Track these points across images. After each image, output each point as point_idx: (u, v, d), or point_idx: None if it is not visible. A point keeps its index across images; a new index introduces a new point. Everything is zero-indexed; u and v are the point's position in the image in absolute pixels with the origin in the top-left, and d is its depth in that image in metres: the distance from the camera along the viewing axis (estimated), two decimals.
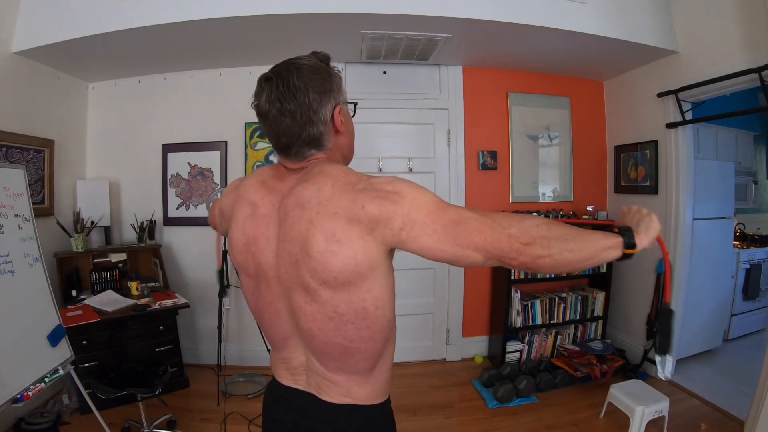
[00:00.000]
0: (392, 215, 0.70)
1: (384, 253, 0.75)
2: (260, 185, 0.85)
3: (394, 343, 0.89)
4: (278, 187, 0.83)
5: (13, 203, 1.89)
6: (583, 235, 0.74)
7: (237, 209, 0.87)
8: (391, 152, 3.22)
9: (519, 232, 0.70)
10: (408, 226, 0.70)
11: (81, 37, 2.36)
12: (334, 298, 0.74)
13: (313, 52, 0.84)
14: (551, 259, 0.70)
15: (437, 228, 0.70)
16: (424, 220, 0.70)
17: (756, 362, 2.26)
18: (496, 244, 0.70)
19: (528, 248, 0.69)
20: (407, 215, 0.70)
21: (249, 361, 3.16)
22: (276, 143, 0.81)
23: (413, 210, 0.71)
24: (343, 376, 0.82)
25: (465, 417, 2.55)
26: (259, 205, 0.83)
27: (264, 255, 0.81)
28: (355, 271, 0.72)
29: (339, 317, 0.76)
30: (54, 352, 1.92)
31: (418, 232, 0.71)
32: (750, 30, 2.31)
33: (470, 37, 2.65)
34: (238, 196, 0.88)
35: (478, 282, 3.35)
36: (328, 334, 0.77)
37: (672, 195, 2.88)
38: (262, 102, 0.78)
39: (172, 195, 3.22)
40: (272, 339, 0.90)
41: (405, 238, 0.71)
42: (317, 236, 0.72)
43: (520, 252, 0.69)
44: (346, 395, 0.82)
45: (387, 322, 0.80)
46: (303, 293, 0.77)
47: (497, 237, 0.70)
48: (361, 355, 0.80)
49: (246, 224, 0.84)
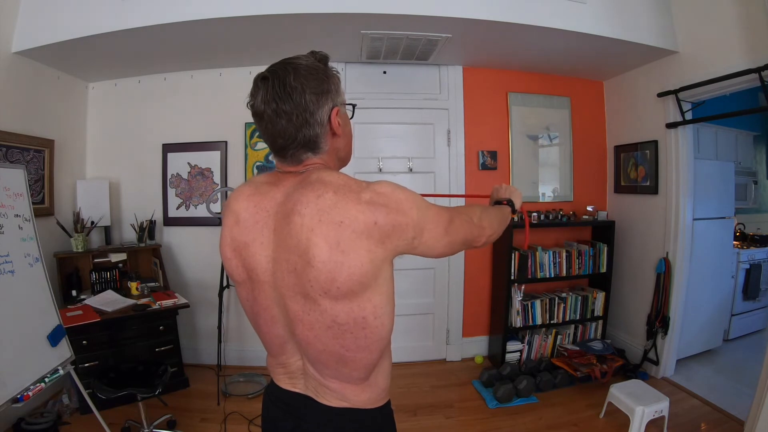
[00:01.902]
0: (405, 227, 0.73)
1: (389, 261, 0.75)
2: (253, 192, 0.83)
3: (390, 356, 0.88)
4: (272, 192, 0.81)
5: (13, 203, 1.89)
6: (496, 210, 1.08)
7: (224, 219, 0.86)
8: (391, 152, 3.22)
9: (477, 221, 0.93)
10: (419, 234, 0.76)
11: (81, 37, 2.36)
12: (334, 308, 0.73)
13: (312, 51, 0.82)
14: (494, 233, 0.99)
15: (440, 231, 0.80)
16: (430, 227, 0.78)
17: (756, 362, 2.26)
18: (470, 235, 0.90)
19: (484, 231, 0.95)
20: (417, 225, 0.75)
21: (249, 361, 3.16)
22: (271, 144, 0.80)
23: (420, 218, 0.76)
24: (337, 383, 0.81)
25: (465, 417, 2.55)
26: (250, 212, 0.81)
27: (256, 259, 0.80)
28: (359, 281, 0.71)
29: (338, 327, 0.74)
30: (54, 352, 1.92)
31: (428, 237, 0.78)
32: (750, 30, 2.31)
33: (470, 37, 2.65)
34: (226, 206, 0.88)
35: (478, 282, 3.35)
36: (326, 342, 0.76)
37: (672, 195, 2.88)
38: (257, 102, 0.76)
39: (172, 195, 3.22)
40: (269, 345, 0.89)
41: (417, 245, 0.77)
42: (320, 245, 0.70)
43: (481, 235, 0.94)
44: (343, 400, 0.81)
45: (386, 333, 0.79)
46: (302, 302, 0.75)
47: (471, 229, 0.90)
48: (355, 365, 0.79)
49: (233, 231, 0.83)
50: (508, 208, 1.15)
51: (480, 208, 0.99)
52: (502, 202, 1.17)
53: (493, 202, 1.21)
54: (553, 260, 3.15)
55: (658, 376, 2.93)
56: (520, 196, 1.21)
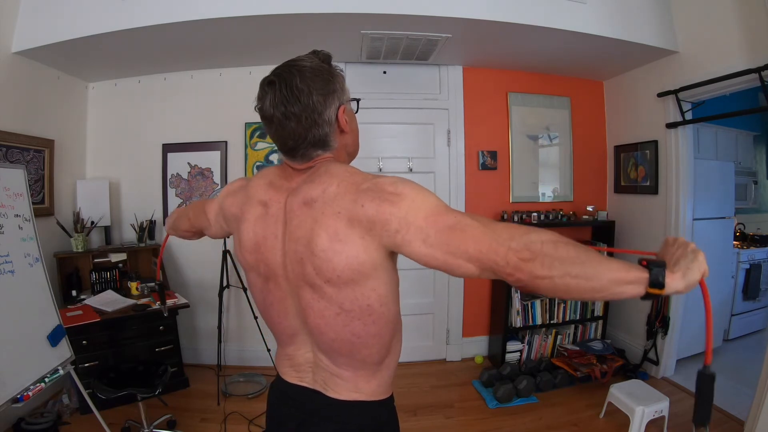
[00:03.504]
0: (389, 217, 0.69)
1: (385, 255, 0.75)
2: (269, 185, 0.85)
3: (401, 339, 0.91)
4: (285, 186, 0.83)
5: (13, 203, 1.89)
6: (598, 262, 0.63)
7: (247, 210, 0.86)
8: (391, 152, 3.22)
9: (519, 246, 0.63)
10: (403, 229, 0.69)
11: (81, 37, 2.36)
12: (339, 295, 0.76)
13: (314, 51, 0.82)
14: (551, 281, 0.62)
15: (431, 233, 0.67)
16: (420, 224, 0.68)
17: (756, 362, 2.26)
18: (490, 256, 0.64)
19: (526, 265, 0.62)
20: (404, 218, 0.69)
21: (249, 361, 3.16)
22: (282, 146, 0.81)
23: (410, 213, 0.69)
24: (351, 371, 0.83)
25: (465, 417, 2.55)
26: (270, 205, 0.83)
27: (273, 254, 0.82)
28: (358, 269, 0.73)
29: (346, 314, 0.77)
30: (54, 352, 1.92)
31: (413, 236, 0.68)
32: (750, 30, 2.31)
33: (470, 37, 2.65)
34: (246, 197, 0.88)
35: (478, 282, 3.34)
36: (337, 329, 0.79)
37: (672, 195, 2.88)
38: (266, 106, 0.77)
39: (172, 195, 3.22)
40: (280, 336, 0.91)
41: (400, 241, 0.69)
42: (321, 235, 0.73)
43: (517, 268, 0.62)
44: (354, 390, 0.83)
45: (393, 316, 0.82)
46: (310, 290, 0.78)
47: (493, 248, 0.64)
48: (369, 350, 0.81)
49: (257, 225, 0.84)
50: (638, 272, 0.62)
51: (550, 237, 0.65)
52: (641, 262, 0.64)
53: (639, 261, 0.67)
54: None
55: (658, 376, 2.93)
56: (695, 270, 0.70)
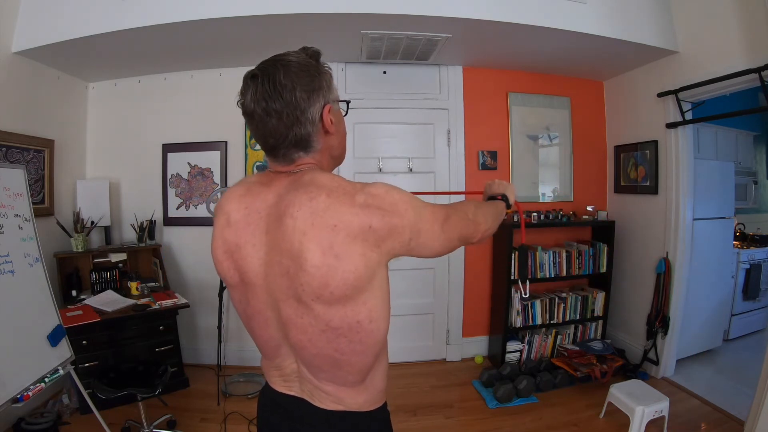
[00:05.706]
0: (401, 230, 0.72)
1: (384, 264, 0.74)
2: (244, 193, 0.81)
3: (387, 358, 0.87)
4: (264, 193, 0.78)
5: (13, 203, 1.89)
6: (490, 205, 1.05)
7: (215, 220, 0.84)
8: (391, 152, 3.22)
9: (473, 216, 0.92)
10: (415, 236, 0.75)
11: (81, 37, 2.36)
12: (327, 313, 0.71)
13: (303, 47, 0.80)
14: (489, 228, 0.98)
15: (437, 230, 0.79)
16: (427, 227, 0.76)
17: (756, 362, 2.26)
18: (467, 231, 0.89)
19: (479, 226, 0.93)
20: (414, 226, 0.74)
21: (249, 361, 3.16)
22: (263, 144, 0.78)
23: (416, 220, 0.74)
24: (333, 386, 0.79)
25: (465, 417, 2.55)
26: (232, 215, 0.80)
27: (249, 262, 0.78)
28: (354, 285, 0.69)
29: (332, 331, 0.73)
30: (54, 352, 1.92)
31: (425, 239, 0.77)
32: (750, 30, 2.31)
33: (470, 37, 2.65)
34: (217, 207, 0.85)
35: (478, 282, 3.35)
36: (319, 346, 0.75)
37: (672, 195, 2.88)
38: (247, 101, 0.74)
39: (172, 195, 3.22)
40: (263, 347, 0.88)
41: (414, 246, 0.76)
42: (312, 250, 0.68)
43: (476, 231, 0.92)
44: (338, 403, 0.80)
45: (381, 337, 0.78)
46: (294, 305, 0.73)
47: (466, 225, 0.89)
48: (351, 368, 0.77)
49: (224, 233, 0.81)
50: (503, 203, 1.13)
51: (474, 204, 0.98)
52: (497, 198, 1.16)
53: (487, 198, 1.19)
54: (553, 260, 3.14)
55: (658, 376, 2.93)
56: (513, 191, 1.20)
